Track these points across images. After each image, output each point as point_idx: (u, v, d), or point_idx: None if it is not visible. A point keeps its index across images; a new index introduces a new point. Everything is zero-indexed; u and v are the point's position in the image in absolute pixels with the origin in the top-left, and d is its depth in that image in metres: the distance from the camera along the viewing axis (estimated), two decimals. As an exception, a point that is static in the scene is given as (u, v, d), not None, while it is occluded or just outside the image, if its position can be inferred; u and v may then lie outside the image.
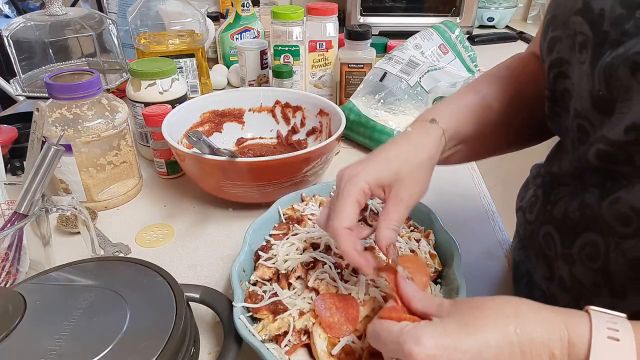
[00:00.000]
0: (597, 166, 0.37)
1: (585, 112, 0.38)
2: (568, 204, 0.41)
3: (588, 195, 0.39)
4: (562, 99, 0.42)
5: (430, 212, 0.56)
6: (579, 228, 0.39)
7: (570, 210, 0.40)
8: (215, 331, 0.50)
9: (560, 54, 0.40)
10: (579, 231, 0.39)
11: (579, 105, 0.38)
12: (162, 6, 0.98)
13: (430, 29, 0.91)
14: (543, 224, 0.44)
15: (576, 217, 0.39)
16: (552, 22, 0.42)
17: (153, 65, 0.77)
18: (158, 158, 0.75)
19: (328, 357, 0.40)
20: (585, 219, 0.38)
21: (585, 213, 0.38)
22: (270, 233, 0.54)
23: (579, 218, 0.39)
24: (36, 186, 0.48)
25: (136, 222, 0.67)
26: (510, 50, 1.44)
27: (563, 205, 0.42)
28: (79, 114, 0.63)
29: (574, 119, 0.40)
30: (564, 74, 0.41)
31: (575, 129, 0.39)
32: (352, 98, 0.87)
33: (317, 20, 0.95)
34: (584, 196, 0.39)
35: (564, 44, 0.40)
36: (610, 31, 0.34)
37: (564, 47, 0.40)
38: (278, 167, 0.61)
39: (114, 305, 0.40)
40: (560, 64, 0.41)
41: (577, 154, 0.40)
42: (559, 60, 0.41)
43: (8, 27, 0.91)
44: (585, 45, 0.36)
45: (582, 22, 0.37)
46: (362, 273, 0.43)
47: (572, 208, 0.40)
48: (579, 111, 0.39)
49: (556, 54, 0.41)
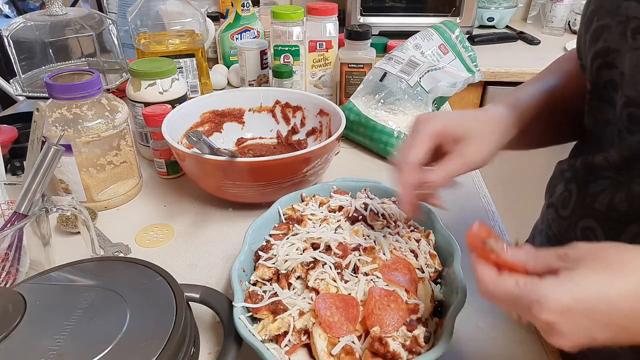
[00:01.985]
0: None
1: (639, 99, 0.37)
2: (613, 196, 0.40)
3: (635, 186, 0.38)
4: (606, 90, 0.41)
5: (430, 212, 0.56)
6: (626, 219, 0.39)
7: (616, 202, 0.40)
8: (215, 331, 0.50)
9: (608, 42, 0.39)
10: (627, 222, 0.39)
11: (631, 92, 0.37)
12: (162, 6, 0.98)
13: (430, 29, 0.91)
14: (581, 218, 0.44)
15: (623, 209, 0.39)
16: (597, 12, 0.41)
17: (153, 65, 0.77)
18: (158, 158, 0.75)
19: (328, 357, 0.40)
20: (635, 210, 0.38)
21: (634, 204, 0.38)
22: (270, 233, 0.54)
23: (626, 209, 0.39)
24: (36, 186, 0.48)
25: (136, 222, 0.67)
26: (510, 50, 1.45)
27: (606, 197, 0.41)
28: (79, 114, 0.63)
29: (623, 108, 0.39)
30: (609, 64, 0.40)
31: (625, 118, 0.39)
32: (352, 98, 0.87)
33: (317, 20, 0.95)
34: (630, 187, 0.39)
35: (612, 32, 0.39)
36: None
37: (612, 35, 0.39)
38: (278, 167, 0.61)
39: (114, 305, 0.40)
40: (606, 54, 0.40)
41: (627, 143, 0.39)
42: (606, 50, 0.40)
43: (8, 27, 0.91)
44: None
45: (637, 6, 0.36)
46: (400, 205, 0.45)
47: (619, 199, 0.40)
48: (631, 99, 0.38)
49: (602, 43, 0.40)
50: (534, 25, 1.70)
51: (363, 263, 0.47)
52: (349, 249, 0.49)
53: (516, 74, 1.28)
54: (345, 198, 0.58)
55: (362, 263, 0.47)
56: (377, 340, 0.40)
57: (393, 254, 0.49)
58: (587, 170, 0.45)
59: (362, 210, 0.55)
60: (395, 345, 0.40)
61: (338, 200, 0.58)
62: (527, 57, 1.38)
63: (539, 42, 1.47)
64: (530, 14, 1.73)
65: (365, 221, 0.54)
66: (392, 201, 0.59)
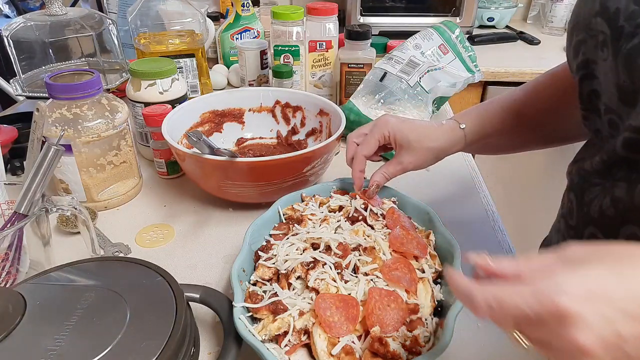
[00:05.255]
0: (624, 157, 0.39)
1: (614, 105, 0.40)
2: (601, 202, 0.43)
3: (617, 190, 0.40)
4: (590, 100, 0.44)
5: (430, 212, 0.56)
6: (617, 223, 0.41)
7: (604, 207, 0.42)
8: (215, 331, 0.50)
9: (586, 55, 0.43)
10: (619, 226, 0.40)
11: (607, 99, 0.41)
12: (162, 6, 0.98)
13: (430, 29, 0.91)
14: (585, 226, 0.46)
15: (611, 214, 0.41)
16: (575, 28, 0.45)
17: (153, 65, 0.77)
18: (158, 158, 0.75)
19: (328, 357, 0.40)
20: (619, 213, 0.40)
21: (618, 207, 0.40)
22: (270, 233, 0.54)
23: (614, 214, 0.41)
24: (36, 186, 0.48)
25: (136, 222, 0.67)
26: (510, 50, 1.45)
27: (597, 204, 0.43)
28: (79, 114, 0.63)
29: (604, 115, 0.42)
30: (590, 75, 0.43)
31: (607, 124, 0.42)
32: (352, 98, 0.87)
33: (317, 20, 0.95)
34: (613, 191, 0.41)
35: (588, 45, 0.42)
36: (625, 25, 0.37)
37: (588, 48, 0.42)
38: (278, 167, 0.61)
39: (114, 305, 0.40)
40: (587, 65, 0.43)
41: (607, 147, 0.42)
42: (586, 62, 0.43)
43: (8, 27, 0.90)
44: (606, 42, 0.39)
45: (602, 21, 0.40)
46: (354, 182, 0.58)
47: (606, 205, 0.42)
48: (608, 106, 0.41)
49: (582, 55, 0.43)
50: (534, 25, 1.70)
51: (363, 263, 0.47)
52: (349, 249, 0.49)
53: (516, 74, 1.28)
54: (345, 198, 0.59)
55: (362, 263, 0.47)
56: (377, 340, 0.40)
57: (393, 254, 0.49)
58: (581, 178, 0.48)
59: (362, 210, 0.55)
60: (395, 345, 0.40)
61: (338, 200, 0.58)
62: (527, 57, 1.38)
63: (539, 42, 1.47)
64: (530, 14, 1.73)
65: (365, 221, 0.54)
66: (392, 201, 0.59)
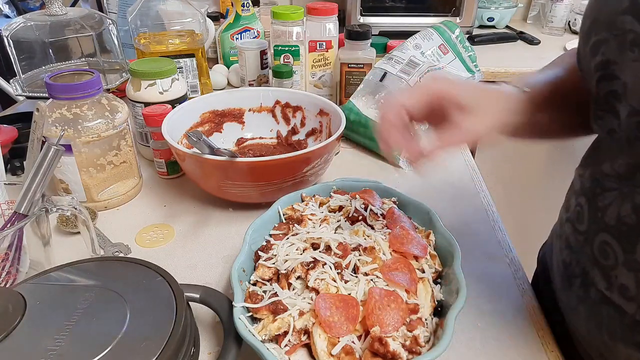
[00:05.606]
0: None
1: None
2: (620, 209, 0.40)
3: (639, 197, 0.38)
4: (607, 101, 0.41)
5: (430, 212, 0.56)
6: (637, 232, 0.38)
7: (623, 214, 0.39)
8: (215, 331, 0.50)
9: (607, 55, 0.40)
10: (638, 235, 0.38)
11: (636, 102, 0.38)
12: (162, 6, 0.98)
13: (430, 29, 0.91)
14: (597, 232, 0.43)
15: (632, 221, 0.39)
16: (594, 27, 0.41)
17: (153, 65, 0.77)
18: (158, 158, 0.75)
19: (328, 357, 0.40)
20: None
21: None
22: (270, 233, 0.54)
23: (635, 222, 0.38)
24: (36, 186, 0.48)
25: (136, 222, 0.67)
26: (510, 51, 1.45)
27: (614, 210, 0.41)
28: (79, 114, 0.63)
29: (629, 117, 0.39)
30: (610, 76, 0.40)
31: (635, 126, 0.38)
32: (352, 98, 0.87)
33: (317, 20, 0.95)
34: (634, 198, 0.38)
35: (610, 45, 0.39)
36: None
37: (610, 48, 0.39)
38: (278, 167, 0.61)
39: (114, 305, 0.40)
40: (607, 66, 0.40)
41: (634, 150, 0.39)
42: (606, 62, 0.40)
43: (8, 27, 0.90)
44: (636, 41, 0.36)
45: (632, 19, 0.37)
46: (378, 139, 0.43)
47: (625, 212, 0.39)
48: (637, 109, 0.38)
49: (601, 56, 0.40)
50: (534, 25, 1.70)
51: (363, 263, 0.47)
52: (349, 249, 0.49)
53: (516, 74, 1.28)
54: (345, 198, 0.58)
55: (362, 263, 0.47)
56: (377, 340, 0.40)
57: (393, 254, 0.49)
58: (594, 182, 0.45)
59: (362, 210, 0.55)
60: (395, 345, 0.40)
61: (338, 200, 0.58)
62: (527, 57, 1.38)
63: (539, 42, 1.47)
64: (530, 14, 1.73)
65: (365, 221, 0.54)
66: (392, 201, 0.59)
